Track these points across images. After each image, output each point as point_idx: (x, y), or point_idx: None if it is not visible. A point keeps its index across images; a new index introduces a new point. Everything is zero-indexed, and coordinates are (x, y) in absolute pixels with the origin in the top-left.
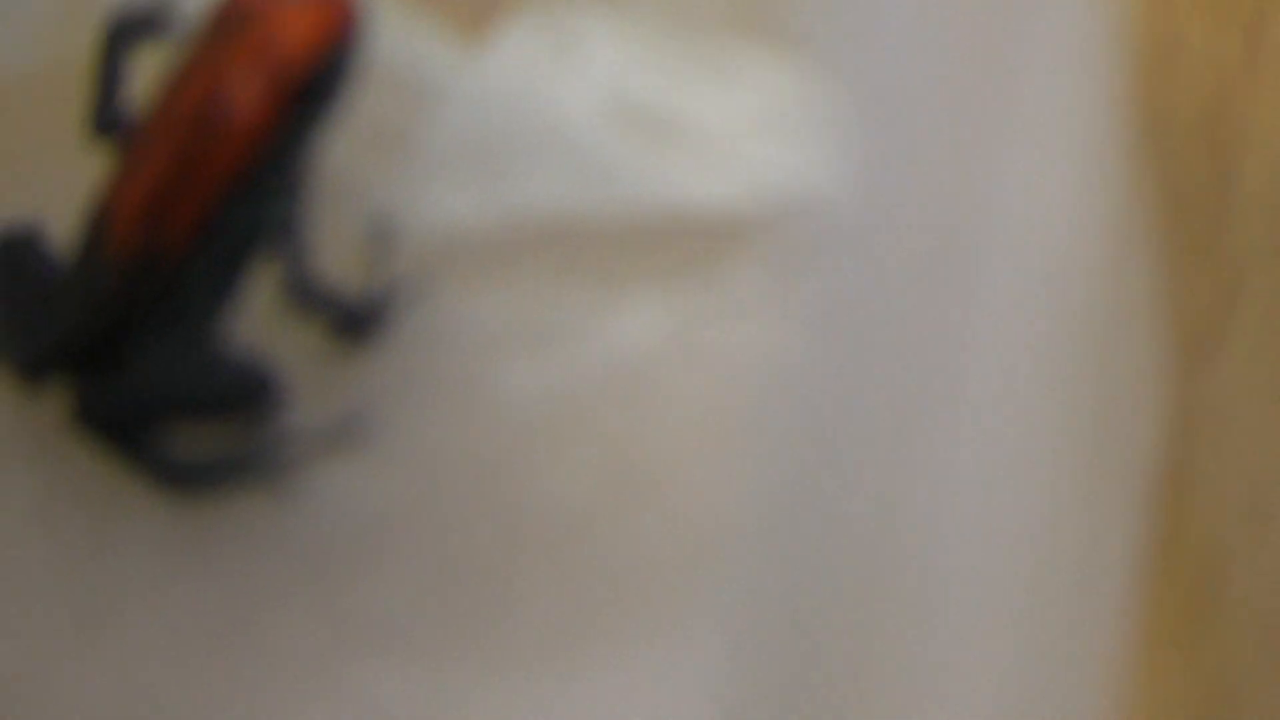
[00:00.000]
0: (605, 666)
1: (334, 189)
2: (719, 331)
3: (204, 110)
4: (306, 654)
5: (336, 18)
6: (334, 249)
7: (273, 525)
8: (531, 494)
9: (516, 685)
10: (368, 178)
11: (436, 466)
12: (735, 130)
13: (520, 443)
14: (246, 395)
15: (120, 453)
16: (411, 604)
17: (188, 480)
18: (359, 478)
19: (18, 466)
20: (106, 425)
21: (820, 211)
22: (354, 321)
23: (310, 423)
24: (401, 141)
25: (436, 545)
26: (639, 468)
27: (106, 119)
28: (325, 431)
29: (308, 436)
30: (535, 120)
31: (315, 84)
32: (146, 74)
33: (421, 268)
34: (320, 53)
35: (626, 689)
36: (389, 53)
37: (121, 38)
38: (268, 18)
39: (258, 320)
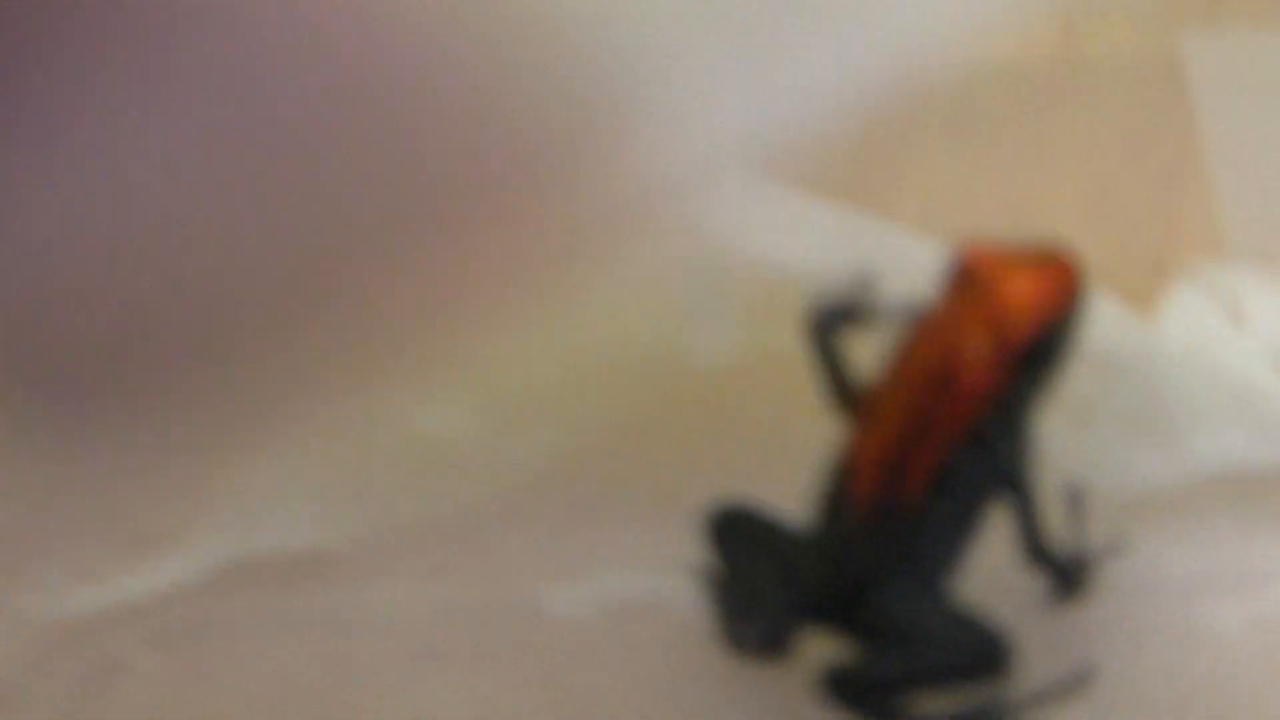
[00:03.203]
0: None
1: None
2: None
3: (940, 370)
4: None
5: (1063, 287)
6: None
7: None
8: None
9: None
10: (1061, 442)
11: (1150, 703)
12: None
13: (1225, 678)
14: (982, 656)
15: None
16: None
17: None
18: (1080, 716)
19: None
20: (855, 695)
21: None
22: (1068, 577)
23: (1033, 675)
24: (1089, 408)
25: None
26: None
27: (839, 395)
28: (1052, 684)
29: (1036, 690)
30: (1207, 379)
31: (1041, 348)
32: (860, 348)
33: (1117, 523)
34: (1047, 320)
35: None
36: None
37: (825, 327)
38: (1000, 285)
39: (979, 576)
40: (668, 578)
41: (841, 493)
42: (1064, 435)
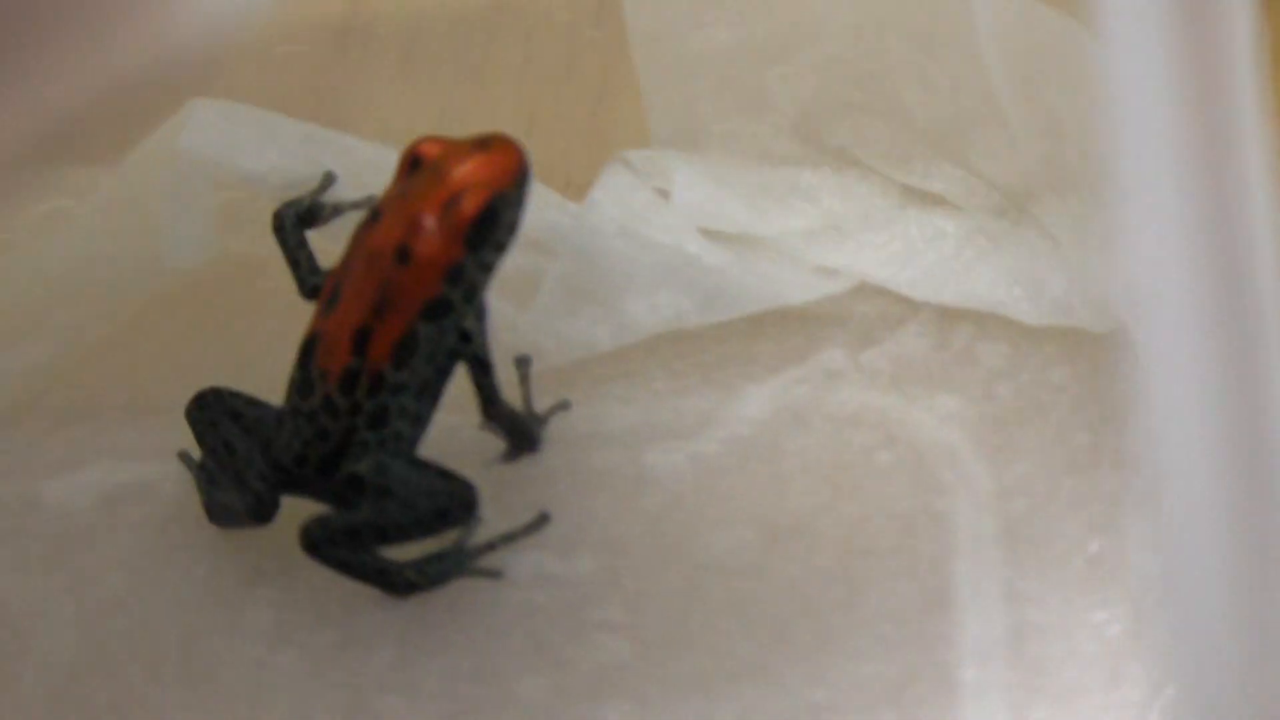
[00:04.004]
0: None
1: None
2: (818, 396)
3: (398, 247)
4: (541, 702)
5: (507, 165)
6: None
7: (488, 603)
8: (695, 550)
9: (704, 707)
10: (507, 316)
11: (608, 539)
12: (805, 238)
13: (673, 512)
14: (451, 507)
15: (349, 573)
16: (617, 652)
17: (410, 586)
18: (548, 556)
19: (259, 590)
20: (333, 553)
21: None
22: (521, 434)
23: (494, 524)
24: (531, 284)
25: (628, 600)
26: (781, 517)
27: (307, 284)
28: (513, 529)
29: (498, 534)
30: (638, 250)
31: (489, 220)
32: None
33: (561, 386)
34: (493, 194)
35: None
36: None
37: (289, 227)
38: (448, 165)
39: (440, 436)
40: (156, 465)
41: (312, 369)
42: (509, 310)
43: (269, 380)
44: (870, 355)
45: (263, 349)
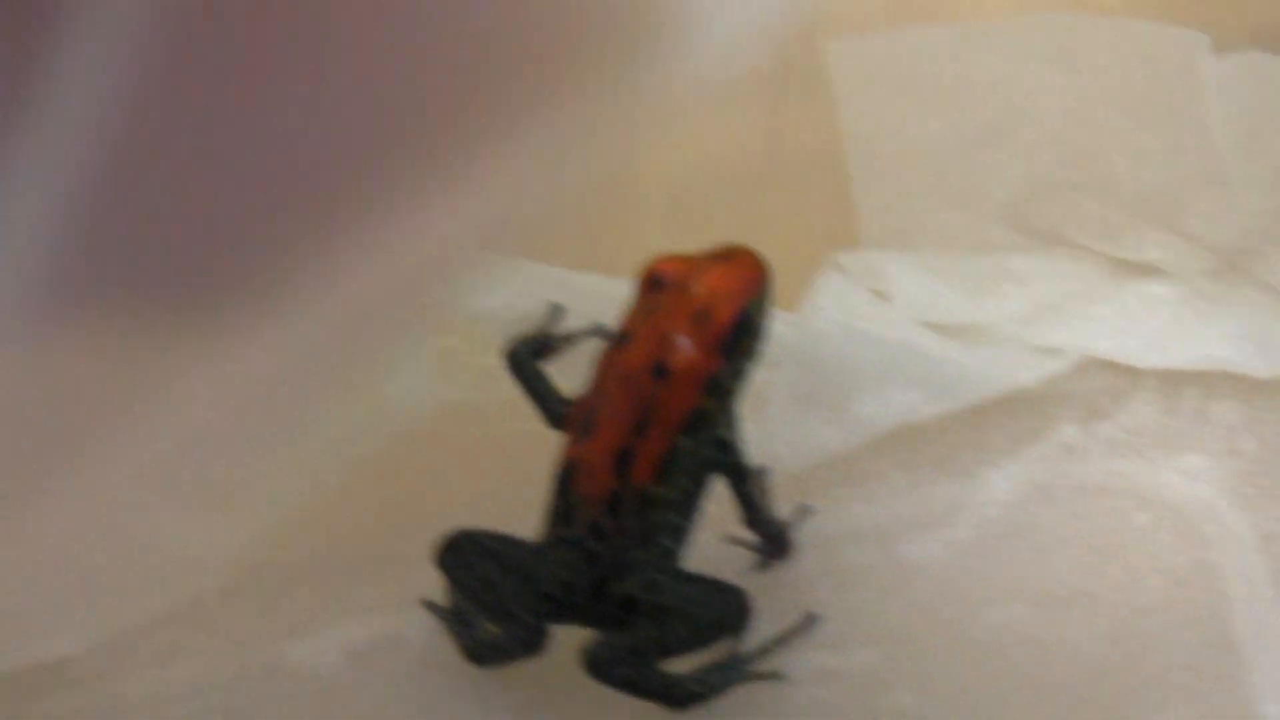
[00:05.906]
0: None
1: None
2: (1060, 470)
3: (653, 366)
4: None
5: (751, 274)
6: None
7: (772, 703)
8: (972, 629)
9: None
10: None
11: (881, 631)
12: (1023, 321)
13: (940, 597)
14: (727, 615)
15: (633, 691)
16: None
17: (694, 697)
18: (824, 654)
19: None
20: (618, 672)
21: None
22: (778, 537)
23: (763, 629)
24: (760, 395)
25: (915, 686)
26: (1051, 588)
27: (554, 414)
28: (784, 630)
29: (771, 638)
30: (861, 350)
31: (741, 330)
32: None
33: (798, 491)
34: (743, 303)
35: None
36: None
37: (521, 362)
38: (694, 280)
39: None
40: (396, 616)
41: (573, 496)
42: (742, 421)
43: (495, 522)
44: (1104, 427)
45: (487, 494)
